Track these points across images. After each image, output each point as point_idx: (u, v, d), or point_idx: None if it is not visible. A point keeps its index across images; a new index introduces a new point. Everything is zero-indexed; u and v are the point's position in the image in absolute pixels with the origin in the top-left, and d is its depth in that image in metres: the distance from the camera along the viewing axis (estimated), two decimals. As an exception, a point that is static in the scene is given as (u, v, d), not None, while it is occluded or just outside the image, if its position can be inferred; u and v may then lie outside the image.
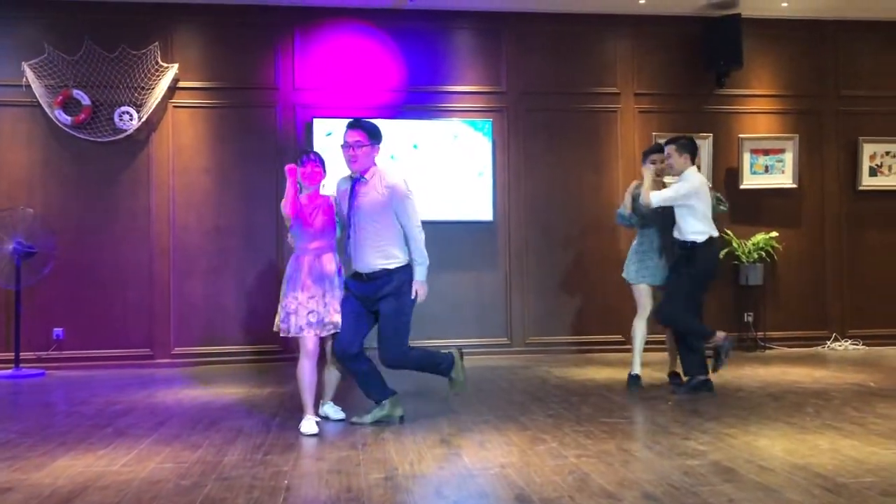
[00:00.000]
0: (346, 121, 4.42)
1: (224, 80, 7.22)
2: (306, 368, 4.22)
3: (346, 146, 4.23)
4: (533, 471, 3.34)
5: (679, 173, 5.24)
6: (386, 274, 4.22)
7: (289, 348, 6.49)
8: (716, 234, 5.17)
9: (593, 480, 3.17)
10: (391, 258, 4.24)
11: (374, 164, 4.29)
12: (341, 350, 4.24)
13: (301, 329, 4.17)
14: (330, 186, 4.48)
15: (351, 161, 4.24)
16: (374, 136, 4.26)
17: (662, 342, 5.81)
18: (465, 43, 7.58)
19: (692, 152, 5.25)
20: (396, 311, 4.23)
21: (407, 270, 4.27)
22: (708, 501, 2.88)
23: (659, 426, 4.22)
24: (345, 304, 4.27)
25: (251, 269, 7.14)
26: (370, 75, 7.39)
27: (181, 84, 7.15)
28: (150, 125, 7.07)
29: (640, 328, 5.48)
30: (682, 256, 5.19)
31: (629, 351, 5.64)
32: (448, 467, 3.45)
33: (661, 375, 5.70)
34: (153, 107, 7.01)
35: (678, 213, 5.16)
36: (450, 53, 7.54)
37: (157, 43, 7.04)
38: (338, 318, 4.22)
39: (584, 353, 7.37)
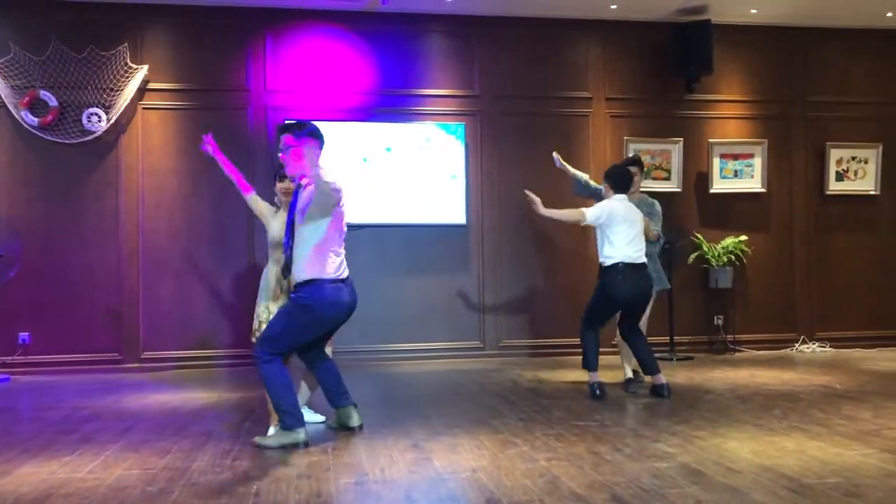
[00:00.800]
0: (318, 124, 4.35)
1: (194, 81, 7.15)
2: None
3: (280, 152, 4.09)
4: (504, 474, 3.34)
5: None
6: (299, 283, 4.02)
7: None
8: (629, 261, 5.12)
9: (563, 483, 3.18)
10: (307, 269, 3.98)
11: (318, 167, 4.08)
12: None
13: None
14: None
15: (287, 166, 4.09)
16: (302, 134, 4.05)
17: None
18: (437, 46, 7.58)
19: (613, 184, 5.31)
20: (280, 313, 4.05)
21: (313, 287, 3.98)
22: (675, 503, 2.90)
23: (629, 429, 4.25)
24: None
25: (221, 272, 7.07)
26: (342, 78, 7.36)
27: (151, 85, 7.07)
28: (118, 127, 6.99)
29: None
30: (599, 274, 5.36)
31: (602, 354, 5.64)
32: (419, 472, 3.44)
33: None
34: (122, 108, 6.92)
35: (597, 236, 5.31)
36: (423, 56, 7.53)
37: (126, 44, 6.96)
38: None
39: (557, 356, 7.38)
